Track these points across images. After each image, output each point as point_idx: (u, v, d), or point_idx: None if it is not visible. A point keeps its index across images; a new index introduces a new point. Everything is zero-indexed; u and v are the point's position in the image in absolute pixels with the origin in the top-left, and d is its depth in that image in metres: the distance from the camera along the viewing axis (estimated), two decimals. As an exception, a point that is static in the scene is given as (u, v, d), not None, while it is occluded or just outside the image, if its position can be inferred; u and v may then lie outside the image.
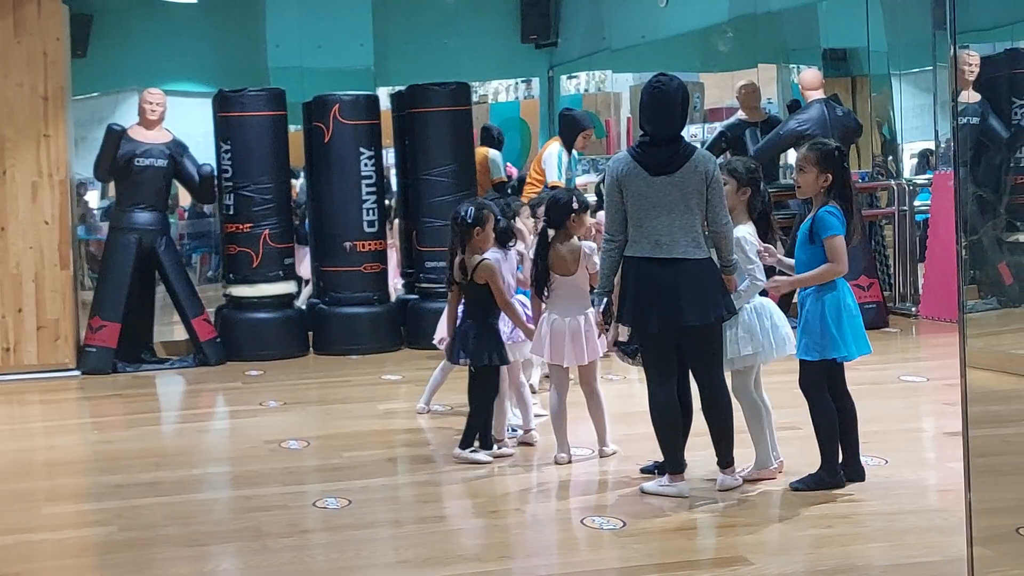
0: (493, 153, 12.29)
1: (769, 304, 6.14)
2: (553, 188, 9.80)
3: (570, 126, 10.91)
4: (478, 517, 6.07)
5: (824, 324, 5.81)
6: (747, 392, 6.14)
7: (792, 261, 6.01)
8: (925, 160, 13.92)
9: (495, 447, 6.95)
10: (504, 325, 6.99)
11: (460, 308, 6.98)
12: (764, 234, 6.14)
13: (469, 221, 6.73)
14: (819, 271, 5.81)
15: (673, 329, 5.84)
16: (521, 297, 7.16)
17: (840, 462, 5.97)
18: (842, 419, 5.98)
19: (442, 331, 7.73)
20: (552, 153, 10.87)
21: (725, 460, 6.03)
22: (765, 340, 6.05)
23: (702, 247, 5.82)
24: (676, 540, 5.45)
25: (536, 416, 7.25)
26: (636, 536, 5.46)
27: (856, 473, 6.01)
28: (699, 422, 6.23)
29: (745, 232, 6.05)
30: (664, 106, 5.87)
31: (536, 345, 6.71)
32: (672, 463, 6.01)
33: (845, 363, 5.98)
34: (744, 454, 6.19)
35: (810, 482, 5.94)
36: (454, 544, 5.55)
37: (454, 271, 6.83)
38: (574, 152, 10.67)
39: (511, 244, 7.08)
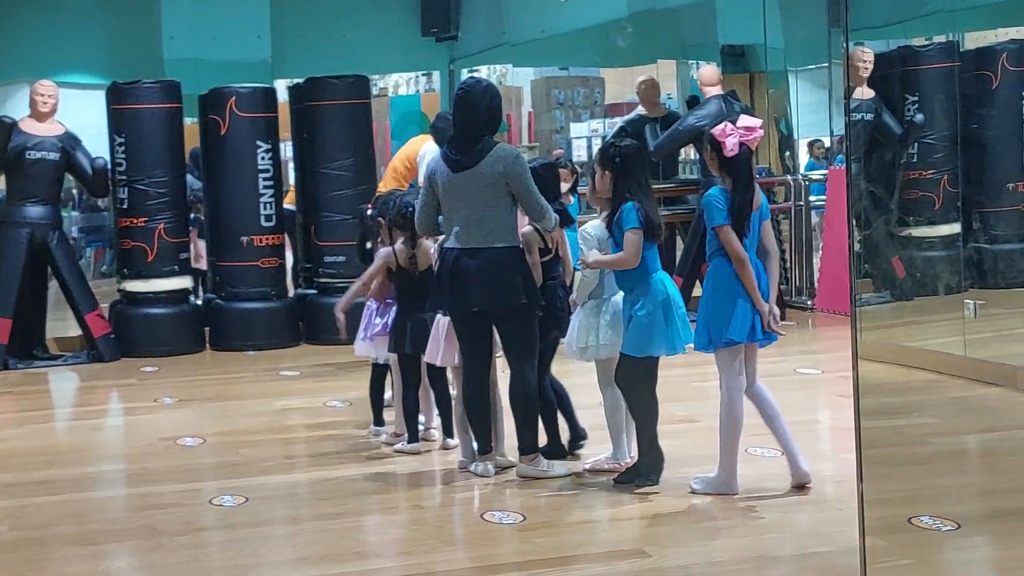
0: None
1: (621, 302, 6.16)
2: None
3: (446, 124, 8.88)
4: (377, 513, 6.04)
5: (638, 323, 5.84)
6: (607, 385, 6.19)
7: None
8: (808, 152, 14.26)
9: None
10: (379, 317, 7.05)
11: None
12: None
13: None
14: (612, 258, 5.88)
15: (461, 314, 6.19)
16: None
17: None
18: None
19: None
20: (430, 151, 9.57)
21: (525, 448, 6.25)
22: (599, 337, 6.12)
23: (502, 238, 6.13)
24: (576, 534, 5.47)
25: None
26: (536, 530, 5.47)
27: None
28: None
29: (587, 227, 6.18)
30: (468, 107, 6.21)
31: (432, 350, 6.58)
32: (480, 444, 6.36)
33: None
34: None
35: (631, 474, 6.01)
36: (353, 541, 5.52)
37: (400, 260, 6.78)
38: None
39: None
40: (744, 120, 5.71)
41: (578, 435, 6.58)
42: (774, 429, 5.81)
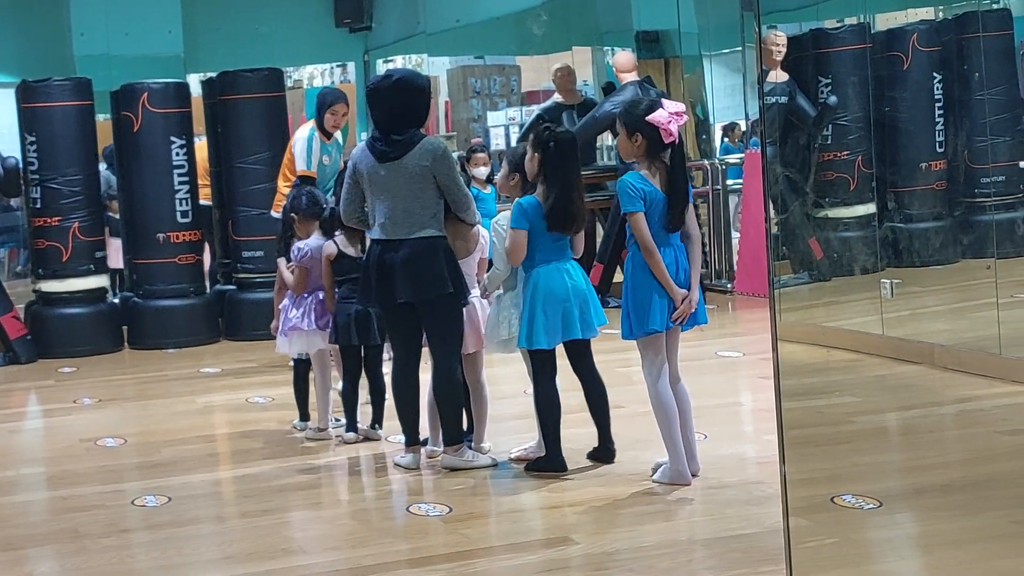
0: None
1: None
2: (303, 178, 8.63)
3: (317, 103, 8.97)
4: (303, 509, 6.00)
5: (524, 313, 5.91)
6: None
7: None
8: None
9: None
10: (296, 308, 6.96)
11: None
12: None
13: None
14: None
15: (389, 306, 6.19)
16: None
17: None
18: (588, 399, 6.09)
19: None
20: (301, 137, 8.93)
21: (448, 438, 6.24)
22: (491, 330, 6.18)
23: (426, 228, 6.12)
24: (503, 523, 5.48)
25: None
26: (463, 521, 5.46)
27: (606, 454, 6.09)
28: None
29: (499, 218, 6.18)
30: (376, 104, 6.25)
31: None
32: (407, 436, 6.33)
33: (590, 343, 6.06)
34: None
35: (536, 466, 6.05)
36: (279, 537, 5.47)
37: (342, 247, 6.72)
38: (337, 135, 9.02)
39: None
40: (670, 105, 5.67)
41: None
42: (683, 423, 5.77)
